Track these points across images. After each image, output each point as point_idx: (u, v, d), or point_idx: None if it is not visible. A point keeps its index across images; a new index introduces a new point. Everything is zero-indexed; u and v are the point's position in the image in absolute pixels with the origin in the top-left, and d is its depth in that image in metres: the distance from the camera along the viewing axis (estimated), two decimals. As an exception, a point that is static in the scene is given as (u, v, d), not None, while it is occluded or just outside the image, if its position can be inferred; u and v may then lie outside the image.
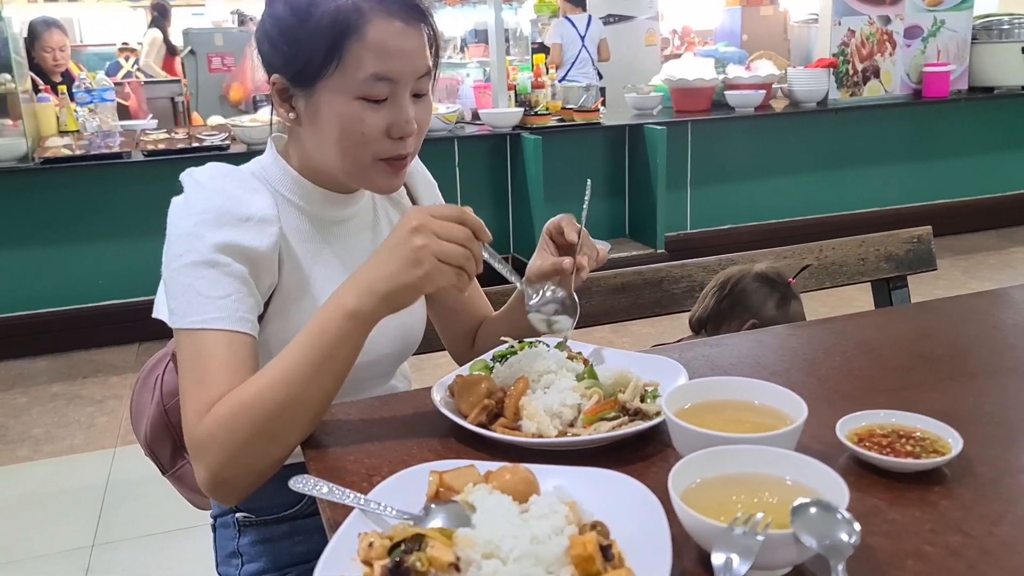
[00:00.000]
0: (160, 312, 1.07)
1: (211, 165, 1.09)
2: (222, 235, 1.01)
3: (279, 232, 1.07)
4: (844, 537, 0.67)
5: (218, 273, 1.00)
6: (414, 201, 1.31)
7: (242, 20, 7.42)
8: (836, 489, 0.73)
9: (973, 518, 0.78)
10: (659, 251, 4.48)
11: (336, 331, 0.94)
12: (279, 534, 1.24)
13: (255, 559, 1.24)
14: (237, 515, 1.24)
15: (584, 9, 6.28)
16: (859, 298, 4.02)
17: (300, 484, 0.84)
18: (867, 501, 0.81)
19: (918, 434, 0.90)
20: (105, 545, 2.46)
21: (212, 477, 0.95)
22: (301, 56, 1.03)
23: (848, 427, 0.91)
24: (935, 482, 0.84)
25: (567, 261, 1.12)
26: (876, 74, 4.95)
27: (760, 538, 0.66)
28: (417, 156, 1.18)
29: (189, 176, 1.07)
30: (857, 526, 0.68)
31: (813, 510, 0.70)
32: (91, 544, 2.46)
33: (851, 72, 4.89)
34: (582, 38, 6.14)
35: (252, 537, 1.24)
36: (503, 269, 1.05)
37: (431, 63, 1.07)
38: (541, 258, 1.16)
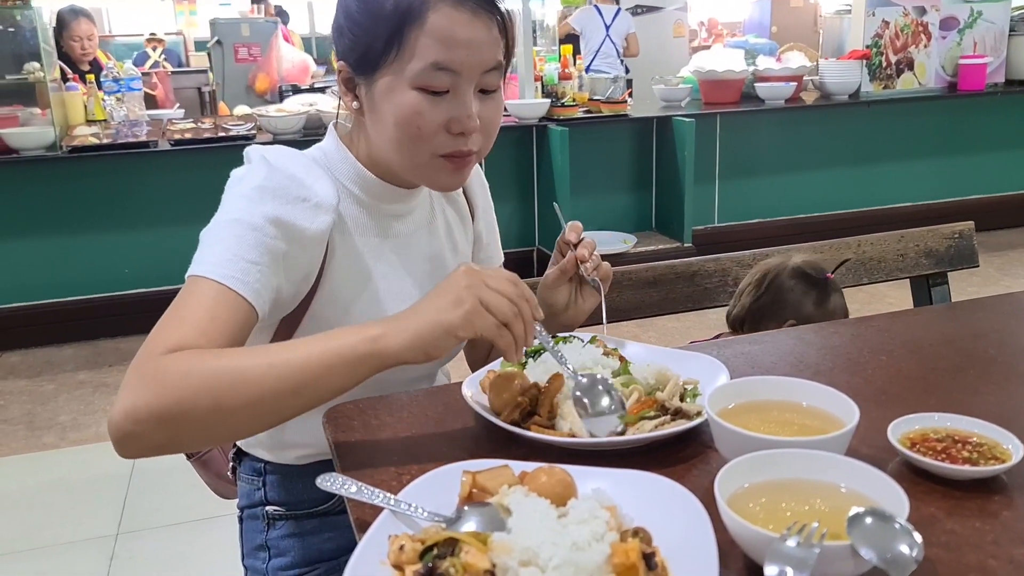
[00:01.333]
0: None
1: (278, 146, 1.07)
2: (275, 209, 0.98)
3: (333, 222, 1.04)
4: (905, 550, 0.63)
5: (257, 239, 0.96)
6: (469, 200, 1.28)
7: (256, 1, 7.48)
8: (894, 498, 0.69)
9: (1037, 530, 0.74)
10: (686, 245, 4.42)
11: (349, 349, 0.87)
12: (309, 529, 1.22)
13: (283, 553, 1.22)
14: (267, 508, 1.22)
15: (616, 1, 6.21)
16: (890, 295, 3.95)
17: (328, 483, 0.81)
18: (923, 510, 0.77)
19: (975, 439, 0.86)
20: (130, 534, 2.46)
21: (130, 414, 0.83)
22: (363, 42, 1.01)
23: (900, 431, 0.87)
24: (995, 491, 0.80)
25: (567, 258, 1.14)
26: (910, 66, 4.85)
27: (816, 550, 0.63)
28: None
29: (255, 151, 1.06)
30: (919, 538, 0.64)
31: (870, 520, 0.66)
32: (116, 533, 2.46)
33: (884, 64, 4.80)
34: (607, 27, 6.06)
35: (281, 531, 1.22)
36: (554, 353, 0.99)
37: (502, 58, 1.02)
38: (551, 269, 1.18)
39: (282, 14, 7.87)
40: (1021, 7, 5.09)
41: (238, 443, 1.25)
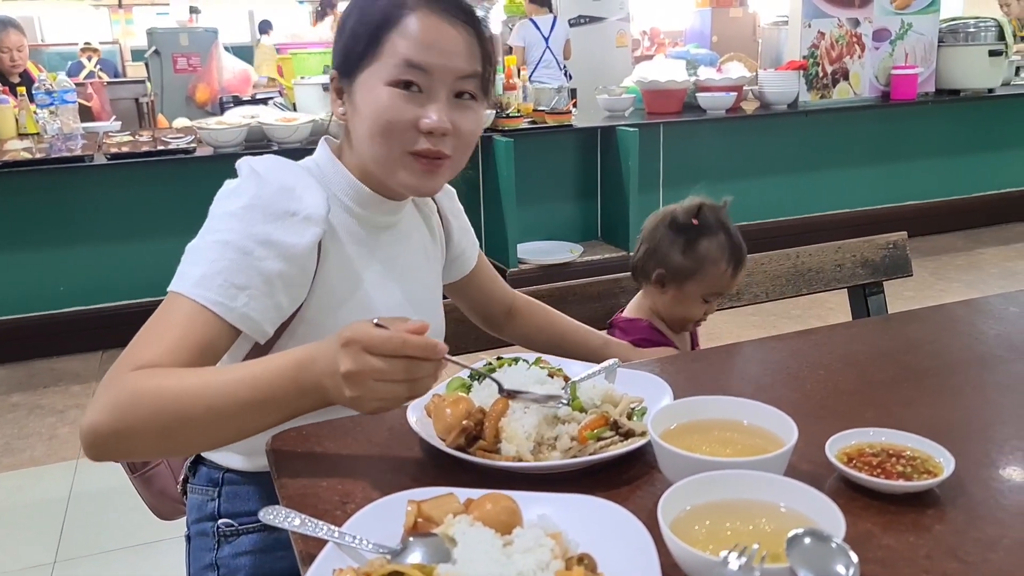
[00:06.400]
0: None
1: (270, 156, 1.09)
2: (265, 228, 1.00)
3: (322, 233, 1.05)
4: (842, 570, 0.65)
5: (247, 262, 0.98)
6: (441, 213, 1.33)
7: (193, 9, 7.45)
8: (831, 517, 0.71)
9: (968, 543, 0.76)
10: (631, 253, 4.46)
11: (281, 385, 0.90)
12: (262, 547, 1.19)
13: (234, 573, 1.18)
14: (218, 523, 1.19)
15: (550, 9, 6.24)
16: (830, 300, 4.02)
17: (271, 516, 0.80)
18: (860, 526, 0.79)
19: (908, 453, 0.88)
20: (67, 561, 2.38)
21: (92, 430, 0.90)
22: (348, 47, 1.08)
23: (837, 446, 0.89)
24: (928, 504, 0.82)
25: None
26: (845, 76, 4.98)
27: (757, 573, 0.63)
28: None
29: (246, 163, 1.07)
30: (855, 557, 0.66)
31: (808, 540, 0.67)
32: (53, 560, 2.38)
33: (821, 74, 4.91)
34: (546, 39, 6.10)
35: (232, 549, 1.19)
36: (472, 369, 1.02)
37: (479, 68, 1.07)
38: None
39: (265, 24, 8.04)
40: (949, 19, 5.27)
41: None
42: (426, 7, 1.04)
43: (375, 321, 0.84)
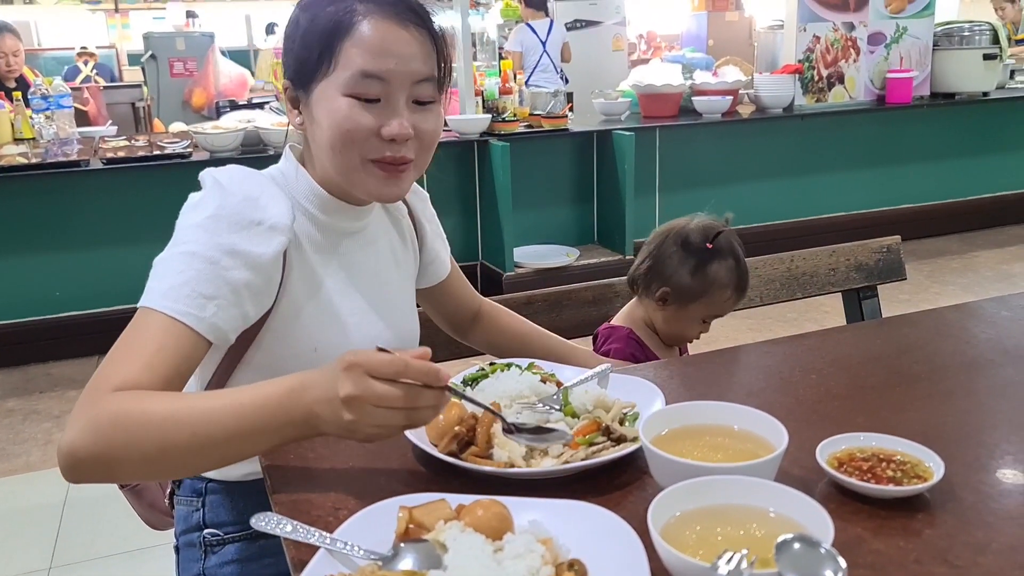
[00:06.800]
0: None
1: (232, 166, 1.08)
2: (231, 238, 0.99)
3: (287, 242, 1.05)
4: (830, 575, 0.65)
5: (214, 272, 0.97)
6: (413, 217, 1.31)
7: (190, 13, 7.47)
8: (820, 522, 0.71)
9: (958, 547, 0.77)
10: (628, 257, 4.47)
11: (268, 413, 0.87)
12: (248, 555, 1.19)
13: None
14: (204, 533, 1.19)
15: (546, 13, 6.25)
16: (826, 303, 4.04)
17: (263, 523, 0.80)
18: (850, 531, 0.79)
19: (899, 457, 0.88)
20: (63, 567, 2.38)
21: (71, 453, 0.86)
22: (301, 58, 1.06)
23: (828, 451, 0.89)
24: (918, 509, 0.82)
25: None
26: (841, 80, 4.99)
27: (745, 579, 0.64)
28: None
29: (209, 175, 1.06)
30: (843, 563, 0.66)
31: (798, 546, 0.67)
32: (48, 566, 2.38)
33: (816, 78, 4.93)
34: (543, 43, 6.11)
35: (218, 559, 1.19)
36: (475, 402, 0.96)
37: (434, 71, 1.06)
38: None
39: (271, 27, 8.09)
40: (944, 23, 5.28)
41: None
42: (377, 12, 1.02)
43: (378, 347, 0.83)
